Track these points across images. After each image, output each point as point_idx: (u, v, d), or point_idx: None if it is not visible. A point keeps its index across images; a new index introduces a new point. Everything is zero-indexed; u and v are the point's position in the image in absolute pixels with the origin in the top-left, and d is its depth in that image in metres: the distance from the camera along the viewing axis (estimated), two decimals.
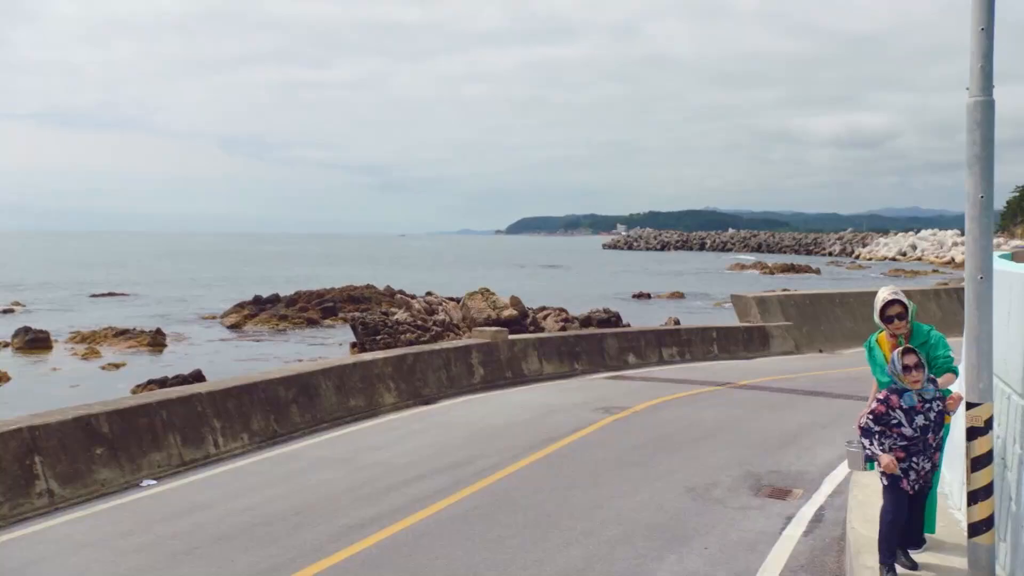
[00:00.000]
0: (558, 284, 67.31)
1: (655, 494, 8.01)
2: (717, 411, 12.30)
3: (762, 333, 20.63)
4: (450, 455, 9.61)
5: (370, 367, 12.77)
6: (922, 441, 5.08)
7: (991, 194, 4.64)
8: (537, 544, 6.64)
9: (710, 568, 6.12)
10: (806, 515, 7.40)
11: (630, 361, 17.80)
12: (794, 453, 9.70)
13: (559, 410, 12.40)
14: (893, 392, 5.11)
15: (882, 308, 5.51)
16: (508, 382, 15.18)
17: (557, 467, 9.04)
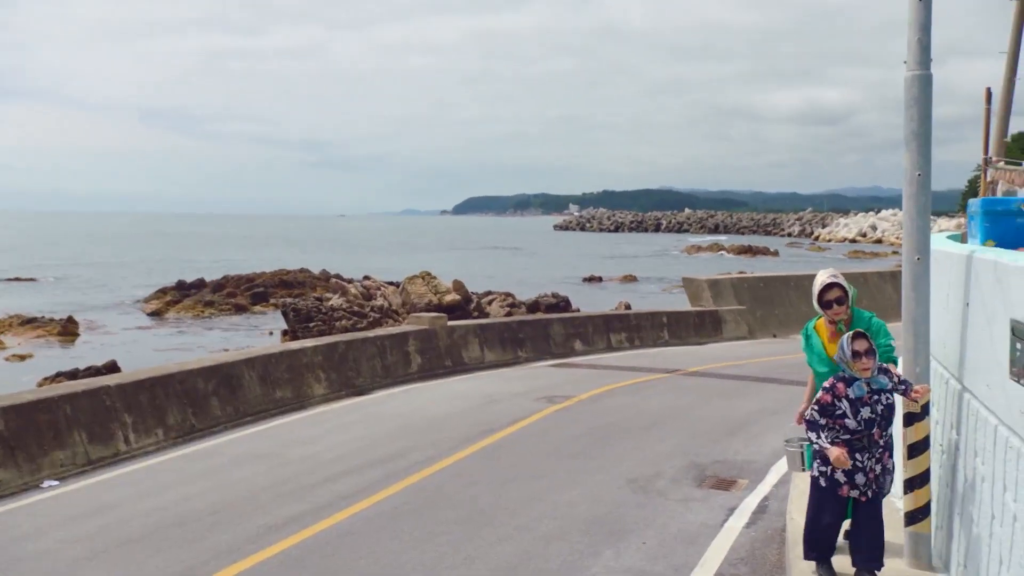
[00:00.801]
0: (506, 267, 67.41)
1: (595, 487, 8.09)
2: (664, 399, 12.47)
3: (714, 318, 20.95)
4: (382, 448, 9.58)
5: (298, 356, 12.63)
6: (867, 436, 4.91)
7: (928, 172, 4.76)
8: (469, 541, 6.66)
9: (647, 563, 6.21)
10: (749, 506, 7.54)
11: (577, 348, 17.91)
12: (741, 441, 9.88)
13: (500, 400, 12.43)
14: (840, 380, 4.96)
15: (820, 292, 5.40)
16: (448, 371, 15.16)
17: (494, 460, 9.07)
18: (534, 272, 60.61)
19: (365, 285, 31.60)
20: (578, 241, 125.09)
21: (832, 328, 5.45)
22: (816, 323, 5.67)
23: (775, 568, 6.08)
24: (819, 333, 5.61)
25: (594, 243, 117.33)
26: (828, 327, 5.50)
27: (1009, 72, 12.50)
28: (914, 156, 4.73)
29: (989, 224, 5.17)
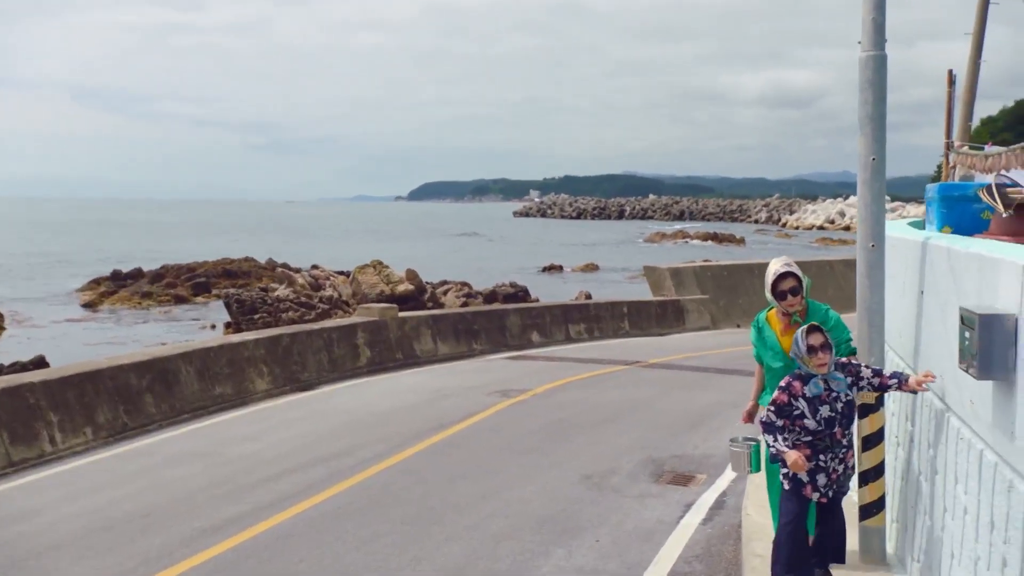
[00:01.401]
0: (463, 256, 67.32)
1: (548, 483, 8.12)
2: (623, 392, 12.56)
3: (676, 307, 21.13)
4: (327, 446, 9.52)
5: (239, 350, 12.49)
6: (828, 436, 4.79)
7: (883, 156, 4.83)
8: (415, 541, 6.65)
9: (600, 562, 6.25)
10: (707, 502, 7.63)
11: (534, 339, 17.96)
12: (701, 435, 9.99)
13: (452, 394, 12.43)
14: (796, 378, 4.81)
15: (774, 282, 5.26)
16: (398, 364, 15.12)
17: (444, 456, 9.07)
18: (492, 261, 60.60)
19: (313, 275, 31.35)
20: (539, 228, 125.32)
21: (786, 320, 5.33)
22: (768, 314, 5.53)
23: (731, 565, 6.16)
24: (771, 325, 5.48)
25: (555, 230, 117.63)
26: (781, 319, 5.38)
27: (974, 54, 12.75)
28: (868, 140, 4.80)
29: (946, 210, 5.27)
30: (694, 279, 22.18)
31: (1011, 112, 65.31)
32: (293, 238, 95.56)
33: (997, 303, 3.45)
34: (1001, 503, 3.38)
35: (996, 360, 3.32)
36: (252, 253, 47.00)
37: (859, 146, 4.88)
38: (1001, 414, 3.39)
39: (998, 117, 66.84)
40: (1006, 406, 3.33)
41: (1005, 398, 3.34)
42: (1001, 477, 3.40)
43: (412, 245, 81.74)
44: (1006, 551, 3.30)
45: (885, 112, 4.82)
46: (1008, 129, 55.84)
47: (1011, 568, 3.24)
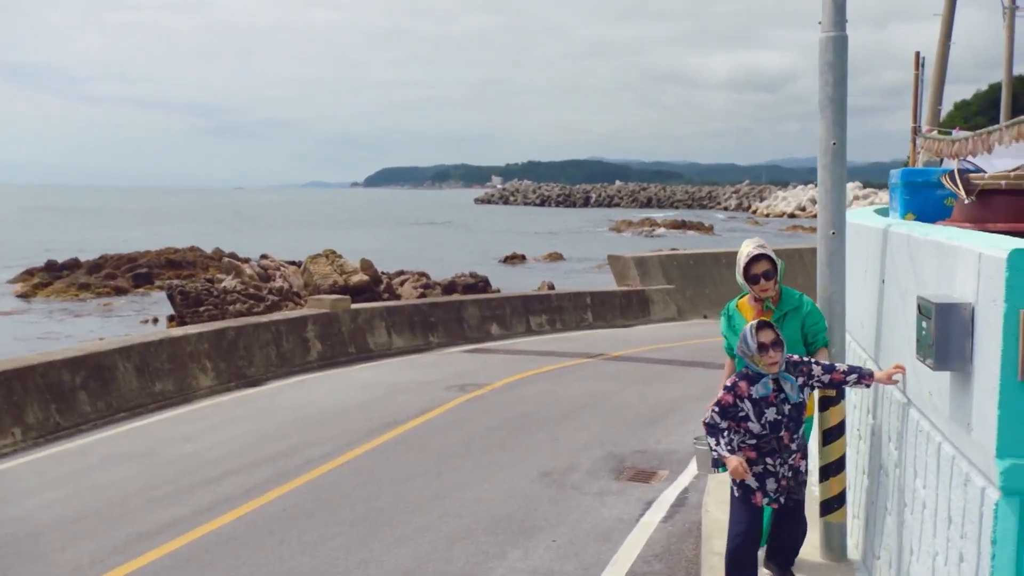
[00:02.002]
0: (421, 245, 67.11)
1: (505, 481, 8.14)
2: (585, 386, 12.61)
3: (641, 298, 21.25)
4: (273, 445, 9.45)
5: (181, 344, 12.34)
6: (774, 440, 4.69)
7: (844, 140, 4.88)
8: (364, 544, 6.63)
9: (557, 562, 6.28)
10: (668, 499, 7.69)
11: (493, 332, 17.95)
12: (664, 430, 10.06)
13: (407, 389, 12.40)
14: (743, 377, 4.70)
15: (746, 266, 5.09)
16: (351, 358, 15.06)
17: (397, 455, 9.05)
18: (452, 250, 60.47)
19: (263, 265, 31.05)
20: (501, 216, 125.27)
21: (758, 307, 5.19)
22: (739, 302, 5.36)
23: (691, 563, 6.21)
24: (743, 313, 5.31)
25: (518, 218, 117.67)
26: (754, 305, 5.22)
27: (943, 36, 12.95)
28: (829, 124, 4.85)
29: (909, 196, 5.34)
30: (660, 268, 22.31)
31: (984, 96, 66.45)
32: (242, 226, 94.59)
33: (954, 292, 3.50)
34: (958, 497, 3.44)
35: (953, 351, 3.37)
36: (198, 242, 46.43)
37: (819, 130, 4.92)
38: (958, 406, 3.45)
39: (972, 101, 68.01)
40: (963, 398, 3.38)
41: (962, 390, 3.39)
42: (958, 470, 3.45)
43: (368, 234, 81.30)
44: (963, 546, 3.36)
45: (846, 95, 4.87)
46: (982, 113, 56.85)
47: (967, 563, 3.30)
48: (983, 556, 3.13)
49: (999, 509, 3.05)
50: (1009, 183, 4.97)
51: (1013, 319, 2.98)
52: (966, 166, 5.34)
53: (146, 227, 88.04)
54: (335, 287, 26.41)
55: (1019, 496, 3.01)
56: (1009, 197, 4.96)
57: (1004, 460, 3.02)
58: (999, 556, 3.04)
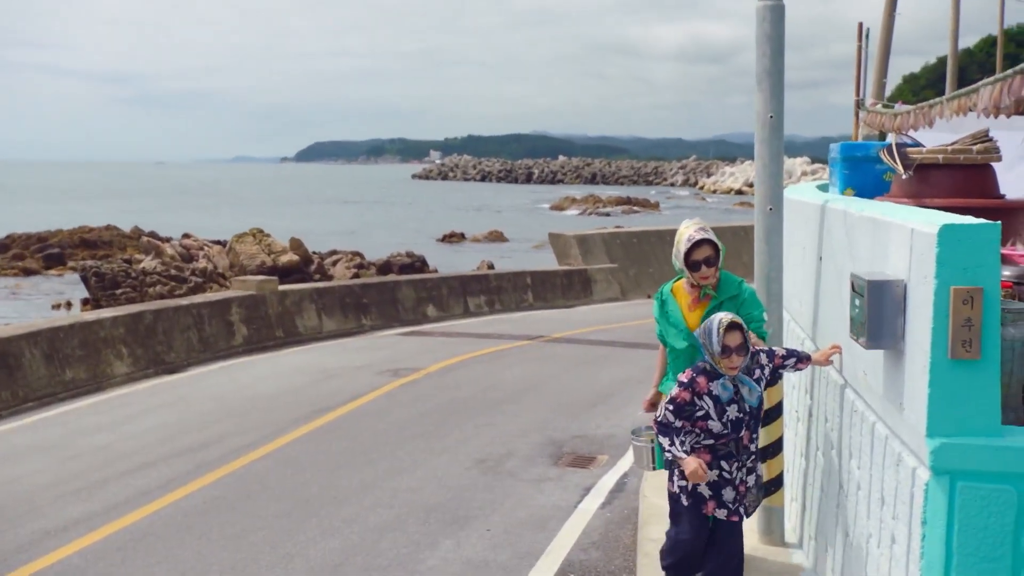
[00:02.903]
0: (355, 223, 66.57)
1: (438, 469, 8.14)
2: (524, 369, 12.67)
3: (583, 277, 21.37)
4: (194, 435, 9.33)
5: (94, 329, 12.08)
6: (734, 441, 4.46)
7: (781, 113, 4.94)
8: (289, 537, 6.58)
9: (490, 552, 6.31)
10: (607, 485, 7.77)
11: (429, 314, 17.92)
12: (604, 414, 10.15)
13: (337, 374, 12.33)
14: (701, 372, 4.43)
15: (688, 251, 4.85)
16: (279, 343, 14.94)
17: (326, 443, 9.00)
18: (388, 228, 60.11)
19: (185, 245, 30.51)
20: (440, 193, 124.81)
21: (695, 293, 4.97)
22: (674, 285, 5.15)
23: (629, 550, 6.29)
24: (677, 298, 5.08)
25: (458, 195, 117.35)
26: (690, 292, 5.00)
27: (889, 7, 13.16)
28: (766, 96, 4.90)
29: (848, 171, 5.44)
30: (602, 247, 22.44)
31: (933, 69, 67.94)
32: (162, 204, 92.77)
33: (888, 269, 3.57)
34: (891, 478, 3.52)
35: (885, 329, 3.45)
36: (115, 220, 45.43)
37: (756, 103, 4.98)
38: (891, 385, 3.53)
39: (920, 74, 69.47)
40: (895, 377, 3.46)
41: (894, 369, 3.47)
42: (891, 451, 3.54)
43: (298, 211, 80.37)
44: (895, 527, 3.45)
45: (783, 66, 4.93)
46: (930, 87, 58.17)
47: (899, 545, 3.39)
48: (914, 537, 3.22)
49: (929, 489, 3.13)
50: (947, 157, 5.09)
51: (944, 296, 3.06)
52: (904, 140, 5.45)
53: (58, 204, 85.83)
54: (263, 268, 26.08)
55: (949, 475, 3.09)
56: (946, 171, 5.08)
57: (934, 439, 3.10)
58: (929, 536, 3.13)
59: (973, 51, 64.38)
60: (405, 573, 5.98)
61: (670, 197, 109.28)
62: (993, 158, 5.21)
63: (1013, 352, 3.43)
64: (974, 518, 3.06)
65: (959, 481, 3.08)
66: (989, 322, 3.06)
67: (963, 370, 3.08)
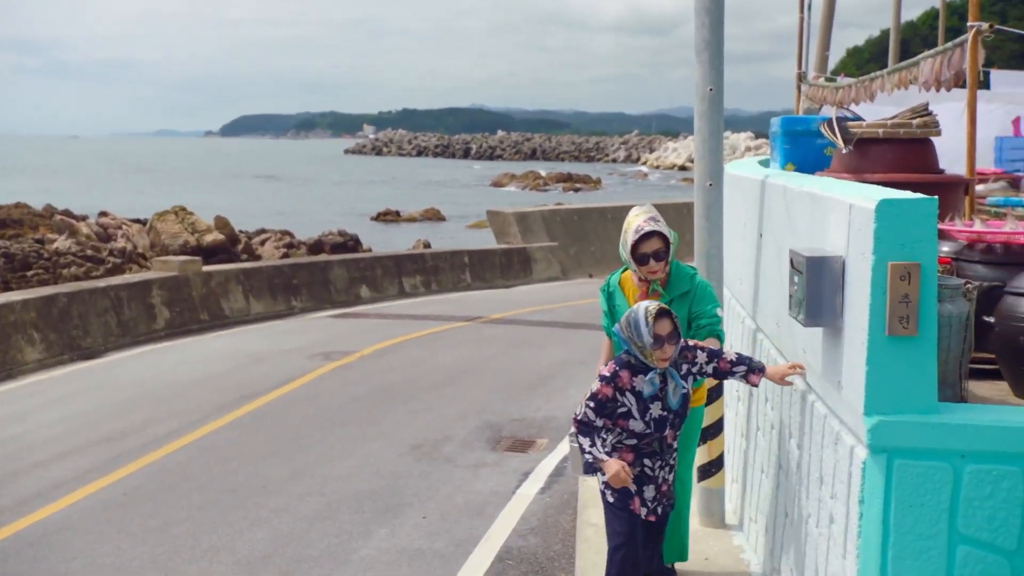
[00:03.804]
0: (285, 200, 65.84)
1: (372, 456, 8.12)
2: (461, 351, 12.67)
3: (523, 256, 21.42)
4: (113, 423, 9.18)
5: (3, 313, 11.78)
6: (657, 440, 4.25)
7: (721, 87, 4.98)
8: (214, 529, 6.52)
9: (425, 540, 6.32)
10: (546, 469, 7.83)
11: (363, 295, 17.83)
12: (544, 396, 10.21)
13: (266, 359, 12.22)
14: (624, 365, 4.20)
15: (636, 243, 4.58)
16: (204, 326, 14.75)
17: (254, 430, 8.92)
18: (319, 205, 59.58)
19: (102, 223, 29.85)
20: (374, 169, 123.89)
21: (644, 287, 4.73)
22: (621, 277, 4.93)
23: (568, 535, 6.35)
24: (625, 291, 4.87)
25: (392, 171, 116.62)
26: (639, 284, 4.76)
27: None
28: (705, 69, 4.94)
29: (789, 146, 5.52)
30: (542, 225, 22.50)
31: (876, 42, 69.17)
32: (78, 180, 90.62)
33: (827, 245, 3.64)
34: (829, 457, 3.60)
35: (824, 306, 3.51)
36: (25, 198, 44.24)
37: (695, 76, 5.02)
38: (829, 363, 3.60)
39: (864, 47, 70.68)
40: (834, 355, 3.53)
41: (833, 346, 3.54)
42: (830, 429, 3.62)
43: (224, 188, 79.19)
44: (833, 507, 3.53)
45: (723, 37, 4.97)
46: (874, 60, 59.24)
47: (837, 525, 3.47)
48: (851, 516, 3.29)
49: (867, 467, 3.21)
50: (886, 131, 5.19)
51: (881, 272, 3.12)
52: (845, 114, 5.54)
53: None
54: (186, 248, 25.65)
55: (887, 453, 3.17)
56: (886, 146, 5.18)
57: (872, 417, 3.17)
58: (866, 515, 3.20)
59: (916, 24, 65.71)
60: (337, 564, 5.97)
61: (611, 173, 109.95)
62: (932, 132, 5.32)
63: (950, 328, 3.52)
64: (910, 496, 3.14)
65: (896, 459, 3.15)
66: (926, 298, 3.13)
67: (900, 347, 3.15)
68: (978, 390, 3.90)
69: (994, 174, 10.96)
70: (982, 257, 4.26)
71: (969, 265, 4.25)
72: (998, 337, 3.83)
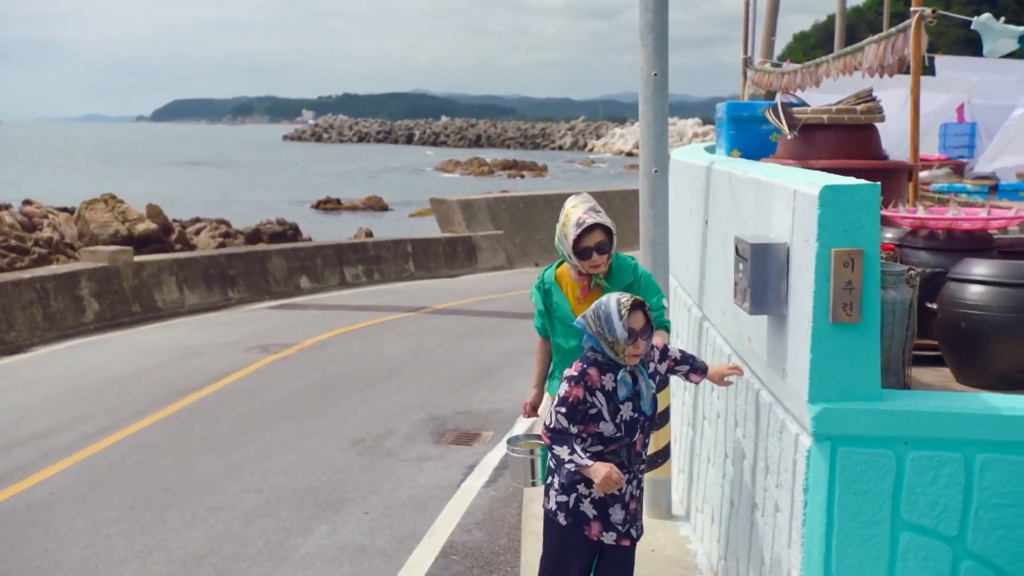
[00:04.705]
0: (221, 188, 65.00)
1: (313, 451, 8.08)
2: (404, 343, 12.65)
3: (468, 245, 21.41)
4: (39, 420, 9.01)
5: None
6: (626, 447, 3.88)
7: (666, 71, 5.02)
8: (147, 528, 6.43)
9: (368, 537, 6.30)
10: (491, 462, 7.84)
11: (303, 285, 17.72)
12: (489, 388, 10.23)
13: (202, 352, 12.08)
14: (592, 363, 3.85)
15: (578, 237, 4.32)
16: (136, 319, 14.60)
17: (189, 426, 8.82)
18: (257, 194, 58.93)
19: (27, 212, 29.21)
20: (313, 155, 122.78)
21: (584, 282, 4.47)
22: (557, 271, 4.63)
23: (514, 529, 6.37)
24: (563, 287, 4.58)
25: (333, 158, 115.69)
26: (577, 280, 4.49)
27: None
28: (650, 52, 4.97)
29: (735, 132, 5.58)
30: (487, 213, 22.50)
31: (823, 28, 70.12)
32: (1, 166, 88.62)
33: (771, 232, 3.68)
34: (774, 446, 3.66)
35: (769, 294, 3.56)
36: None
37: (640, 60, 5.04)
38: (775, 352, 3.65)
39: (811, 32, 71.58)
40: (779, 343, 3.58)
41: (778, 334, 3.59)
42: (775, 418, 3.67)
43: (157, 175, 77.93)
44: (778, 495, 3.59)
45: (667, 20, 5.00)
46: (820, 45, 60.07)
47: (783, 514, 3.53)
48: (796, 505, 3.35)
49: (811, 455, 3.26)
50: (831, 117, 5.27)
51: (825, 259, 3.17)
52: (790, 100, 5.62)
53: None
54: (116, 237, 25.21)
55: (831, 441, 3.23)
56: (831, 132, 5.26)
57: (816, 405, 3.22)
58: (811, 503, 3.26)
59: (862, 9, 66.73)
60: (276, 562, 5.92)
61: (557, 159, 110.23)
62: (876, 118, 5.42)
63: (893, 315, 3.59)
64: (854, 484, 3.20)
65: (840, 447, 3.21)
66: (869, 285, 3.19)
67: (844, 334, 3.20)
68: (921, 377, 3.98)
69: (938, 160, 11.20)
70: (925, 243, 4.35)
71: (912, 251, 4.33)
72: (941, 324, 3.92)
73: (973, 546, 3.17)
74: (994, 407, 3.20)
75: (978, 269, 3.84)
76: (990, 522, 3.16)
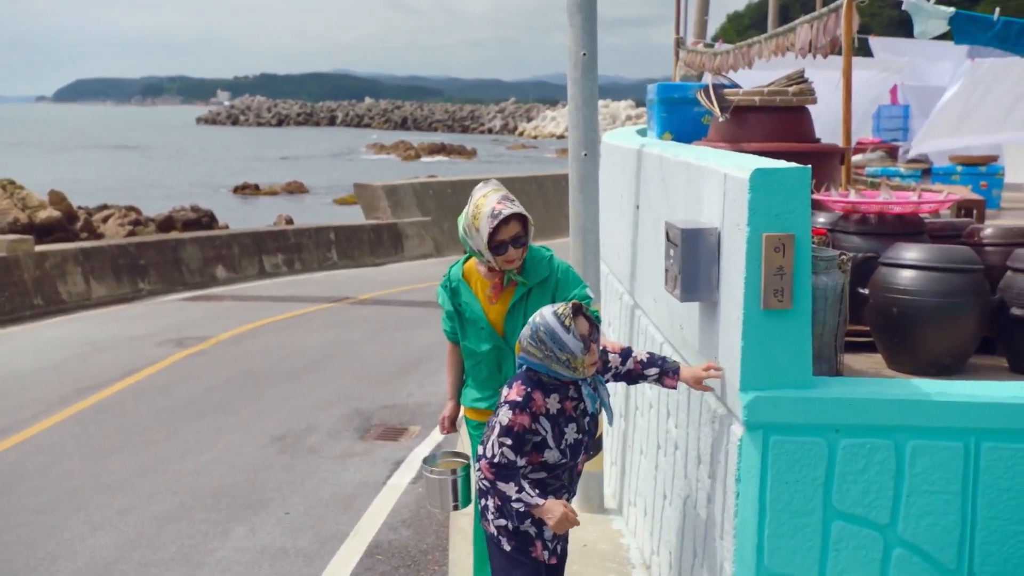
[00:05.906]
0: (130, 173, 63.73)
1: (230, 449, 8.00)
2: (327, 335, 12.58)
3: (394, 232, 21.33)
4: None
5: None
6: (568, 471, 3.70)
7: (595, 51, 5.05)
8: (51, 534, 6.31)
9: (288, 538, 6.26)
10: (419, 457, 7.81)
11: (219, 276, 17.53)
12: (416, 381, 10.23)
13: (110, 347, 11.89)
14: (536, 385, 3.54)
15: (494, 230, 4.02)
16: (38, 312, 14.35)
17: (96, 425, 8.68)
18: (170, 179, 57.95)
19: None
20: (229, 139, 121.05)
21: (496, 279, 4.22)
22: (464, 268, 4.37)
23: (442, 527, 6.39)
24: (472, 284, 4.32)
25: (250, 141, 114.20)
26: (488, 276, 4.24)
27: None
28: (578, 32, 4.99)
29: (666, 114, 5.63)
30: (414, 198, 22.43)
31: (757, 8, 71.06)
32: None
33: (702, 216, 3.73)
34: (707, 436, 3.71)
35: (701, 280, 3.61)
36: None
37: (567, 40, 5.06)
38: (707, 339, 3.71)
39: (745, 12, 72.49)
40: (711, 330, 3.64)
41: (709, 321, 3.65)
42: (707, 408, 3.73)
43: (60, 159, 76.17)
44: (711, 486, 3.65)
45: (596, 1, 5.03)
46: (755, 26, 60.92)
47: (715, 504, 3.59)
48: (728, 495, 3.41)
49: (743, 445, 3.32)
50: (763, 99, 5.35)
51: (756, 244, 3.22)
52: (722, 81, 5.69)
53: None
54: (16, 226, 24.59)
55: (762, 430, 3.29)
56: (763, 114, 5.34)
57: (748, 393, 3.28)
58: (743, 494, 3.32)
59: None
60: (191, 567, 5.85)
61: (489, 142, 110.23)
62: (808, 100, 5.51)
63: (825, 301, 3.66)
64: (786, 473, 3.27)
65: (772, 435, 3.27)
66: (800, 270, 3.25)
67: (775, 321, 3.26)
68: (854, 363, 4.07)
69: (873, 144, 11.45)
70: (857, 228, 4.44)
71: (844, 236, 4.42)
72: (872, 309, 4.01)
73: (904, 533, 3.26)
74: (924, 393, 3.29)
75: (909, 254, 3.94)
76: (921, 509, 3.25)
